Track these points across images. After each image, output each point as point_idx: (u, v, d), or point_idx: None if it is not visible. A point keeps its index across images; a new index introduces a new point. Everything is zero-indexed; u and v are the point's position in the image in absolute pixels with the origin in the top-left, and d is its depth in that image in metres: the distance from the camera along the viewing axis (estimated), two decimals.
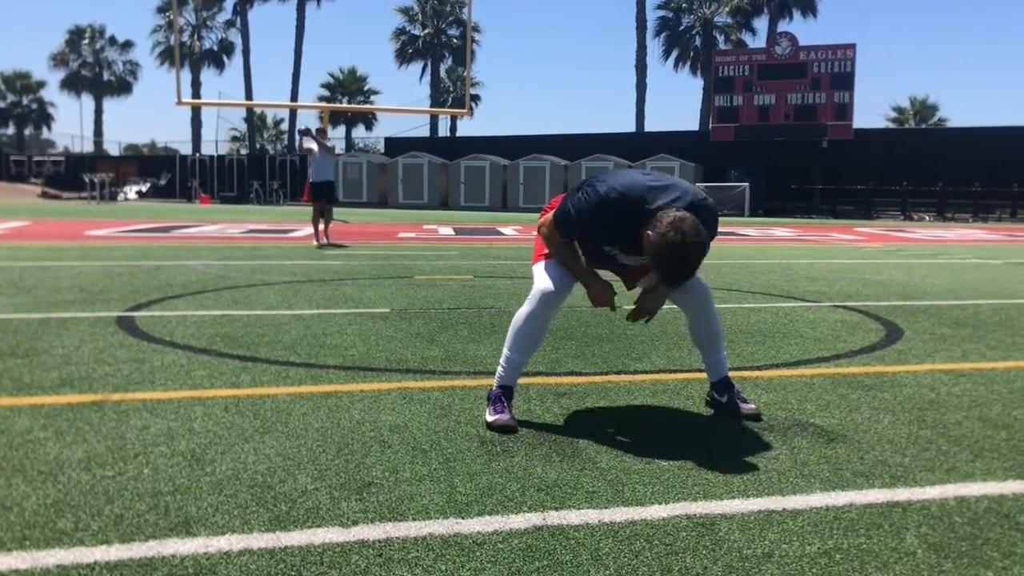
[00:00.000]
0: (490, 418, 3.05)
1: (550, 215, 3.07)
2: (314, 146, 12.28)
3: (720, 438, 2.99)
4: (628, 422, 3.16)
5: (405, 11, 50.14)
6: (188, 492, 2.36)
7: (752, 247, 13.83)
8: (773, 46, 32.10)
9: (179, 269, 8.45)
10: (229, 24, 50.11)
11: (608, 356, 4.36)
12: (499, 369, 3.16)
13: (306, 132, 12.74)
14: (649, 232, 2.71)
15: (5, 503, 2.26)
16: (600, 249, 3.11)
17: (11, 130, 58.09)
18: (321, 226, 12.16)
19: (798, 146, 30.97)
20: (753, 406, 3.25)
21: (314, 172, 12.28)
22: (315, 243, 11.91)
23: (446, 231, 17.30)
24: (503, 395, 3.11)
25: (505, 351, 3.15)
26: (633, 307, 3.13)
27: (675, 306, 3.31)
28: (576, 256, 3.08)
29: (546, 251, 3.15)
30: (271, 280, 7.62)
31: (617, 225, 2.89)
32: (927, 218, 29.21)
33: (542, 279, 3.09)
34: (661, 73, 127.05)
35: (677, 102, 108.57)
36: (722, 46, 42.14)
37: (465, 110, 29.11)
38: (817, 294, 7.18)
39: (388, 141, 41.47)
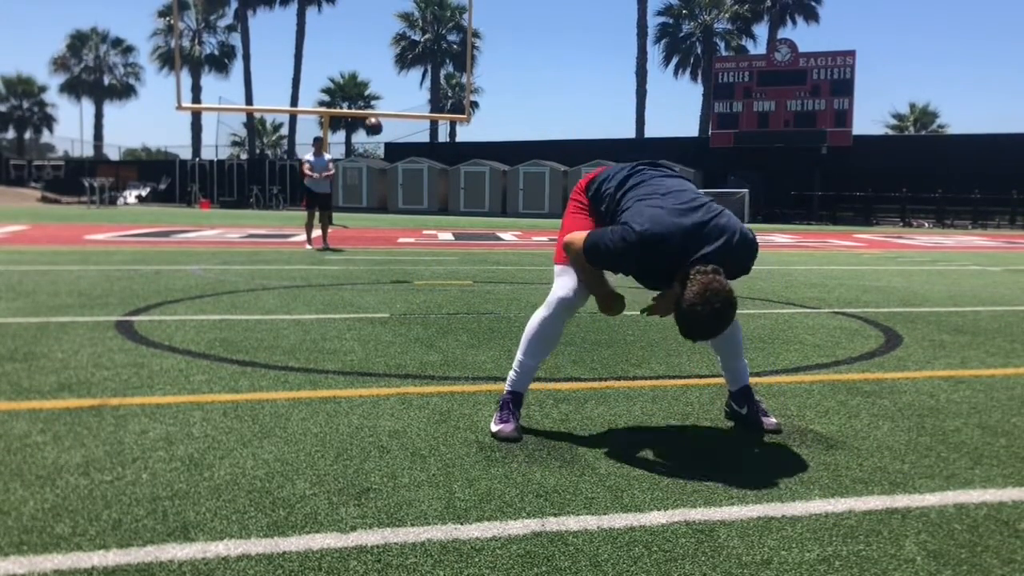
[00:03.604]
0: (494, 427, 3.02)
1: (578, 240, 2.90)
2: (307, 166, 13.27)
3: (719, 444, 2.98)
4: (627, 428, 3.15)
5: (405, 16, 50.19)
6: (186, 497, 2.35)
7: None
8: (773, 53, 32.16)
9: (178, 274, 8.45)
10: (230, 28, 50.13)
11: (607, 362, 4.36)
12: (511, 373, 3.12)
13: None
14: (680, 287, 2.66)
15: (3, 508, 2.26)
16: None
17: (11, 134, 58.09)
18: (317, 233, 12.94)
19: (798, 152, 31.02)
20: (775, 420, 3.13)
21: (312, 183, 13.22)
22: (308, 246, 12.72)
23: (446, 236, 17.31)
24: (512, 401, 3.07)
25: (518, 355, 3.10)
26: (651, 304, 2.96)
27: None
28: (599, 277, 2.99)
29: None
30: (270, 285, 7.62)
31: (650, 265, 2.81)
32: (926, 225, 29.24)
33: (562, 285, 3.02)
34: (661, 79, 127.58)
35: (677, 108, 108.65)
36: (722, 52, 42.22)
37: (464, 116, 29.14)
38: (816, 300, 7.18)
39: (388, 146, 41.50)
